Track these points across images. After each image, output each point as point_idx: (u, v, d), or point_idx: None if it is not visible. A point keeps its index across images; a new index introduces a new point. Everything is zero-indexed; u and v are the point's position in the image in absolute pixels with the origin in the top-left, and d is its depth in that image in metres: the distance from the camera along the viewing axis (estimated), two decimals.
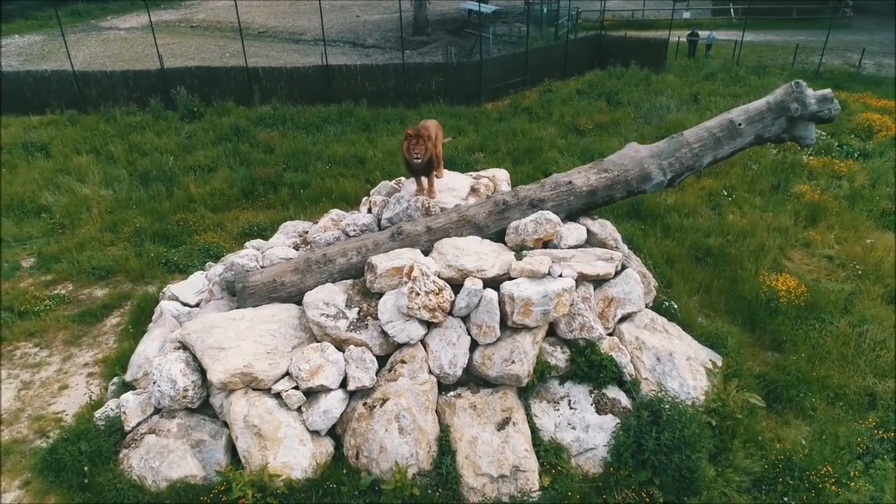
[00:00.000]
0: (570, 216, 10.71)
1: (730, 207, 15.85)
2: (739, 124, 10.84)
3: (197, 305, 10.92)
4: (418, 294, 8.67)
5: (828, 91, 10.92)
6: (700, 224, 14.74)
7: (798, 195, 16.43)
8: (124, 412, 8.92)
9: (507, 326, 9.01)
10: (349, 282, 9.75)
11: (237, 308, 9.79)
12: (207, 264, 12.59)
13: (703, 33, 36.83)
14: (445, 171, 11.88)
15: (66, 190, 17.31)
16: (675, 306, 11.02)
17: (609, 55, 31.13)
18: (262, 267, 10.50)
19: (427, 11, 44.65)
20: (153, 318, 11.04)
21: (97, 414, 9.13)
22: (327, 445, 8.59)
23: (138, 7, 52.57)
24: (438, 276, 9.15)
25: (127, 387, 9.77)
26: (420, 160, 10.28)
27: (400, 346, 9.01)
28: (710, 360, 9.86)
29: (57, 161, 19.54)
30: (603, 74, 29.19)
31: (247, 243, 12.06)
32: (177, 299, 11.11)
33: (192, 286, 11.42)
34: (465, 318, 9.13)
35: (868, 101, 24.70)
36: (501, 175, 12.48)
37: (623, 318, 9.96)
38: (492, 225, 10.24)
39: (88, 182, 17.93)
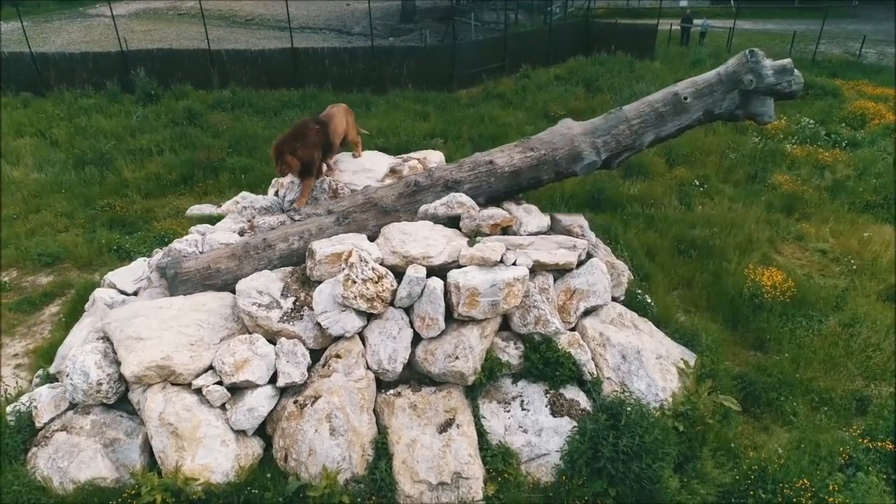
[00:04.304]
0: (492, 200, 9.84)
1: (700, 198, 15.08)
2: (685, 98, 9.83)
3: (136, 294, 10.04)
4: (354, 282, 7.84)
5: (787, 61, 9.84)
6: (685, 216, 13.94)
7: (775, 185, 15.67)
8: (36, 407, 8.26)
9: (454, 319, 8.21)
10: (289, 269, 8.97)
11: (170, 296, 9.04)
12: (155, 251, 11.72)
13: (697, 21, 36.06)
14: (365, 152, 11.45)
15: None
16: (650, 301, 10.21)
17: (596, 42, 30.18)
18: (201, 252, 9.69)
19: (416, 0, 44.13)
20: (85, 306, 10.23)
21: (8, 409, 8.40)
22: (255, 446, 7.83)
23: None
24: (382, 264, 8.39)
25: (51, 379, 9.06)
26: (284, 177, 9.85)
27: (336, 339, 8.20)
28: (683, 359, 9.03)
29: None
30: (586, 61, 28.40)
31: (191, 227, 11.21)
32: (115, 287, 10.26)
33: (132, 273, 10.53)
34: (409, 310, 8.32)
35: (863, 89, 24.00)
36: (435, 157, 11.76)
37: (588, 312, 9.14)
38: (401, 208, 9.45)
39: (21, 165, 17.13)
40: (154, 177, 16.43)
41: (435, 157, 11.70)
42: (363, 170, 10.86)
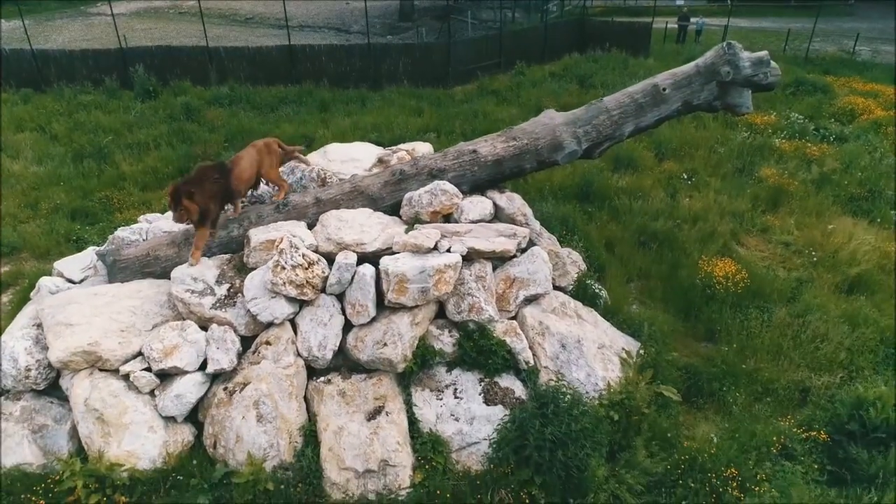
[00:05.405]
0: (476, 188, 9.82)
1: (688, 191, 14.86)
2: (664, 89, 9.87)
3: (82, 282, 10.04)
4: (284, 268, 7.84)
5: (764, 53, 9.93)
6: (649, 207, 13.72)
7: (762, 179, 15.41)
8: None
9: (386, 306, 8.17)
10: (226, 256, 8.99)
11: (108, 283, 9.05)
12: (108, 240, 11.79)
13: (693, 19, 35.65)
14: (355, 143, 11.38)
15: None
16: (599, 290, 10.10)
17: (591, 40, 29.92)
18: (144, 240, 9.71)
19: None
20: (31, 294, 10.21)
21: None
22: (185, 433, 7.82)
23: None
24: (316, 250, 8.40)
25: None
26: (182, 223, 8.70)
27: (268, 326, 8.17)
28: (625, 349, 8.92)
29: None
30: (581, 59, 28.14)
31: (140, 216, 11.23)
32: (63, 275, 10.27)
33: (80, 262, 10.50)
34: (342, 297, 8.28)
35: (854, 85, 23.56)
36: (423, 149, 11.62)
37: (529, 301, 9.04)
38: (387, 196, 9.42)
39: (21, 159, 17.27)
40: (151, 170, 16.53)
41: (423, 149, 11.64)
42: (351, 159, 10.81)
